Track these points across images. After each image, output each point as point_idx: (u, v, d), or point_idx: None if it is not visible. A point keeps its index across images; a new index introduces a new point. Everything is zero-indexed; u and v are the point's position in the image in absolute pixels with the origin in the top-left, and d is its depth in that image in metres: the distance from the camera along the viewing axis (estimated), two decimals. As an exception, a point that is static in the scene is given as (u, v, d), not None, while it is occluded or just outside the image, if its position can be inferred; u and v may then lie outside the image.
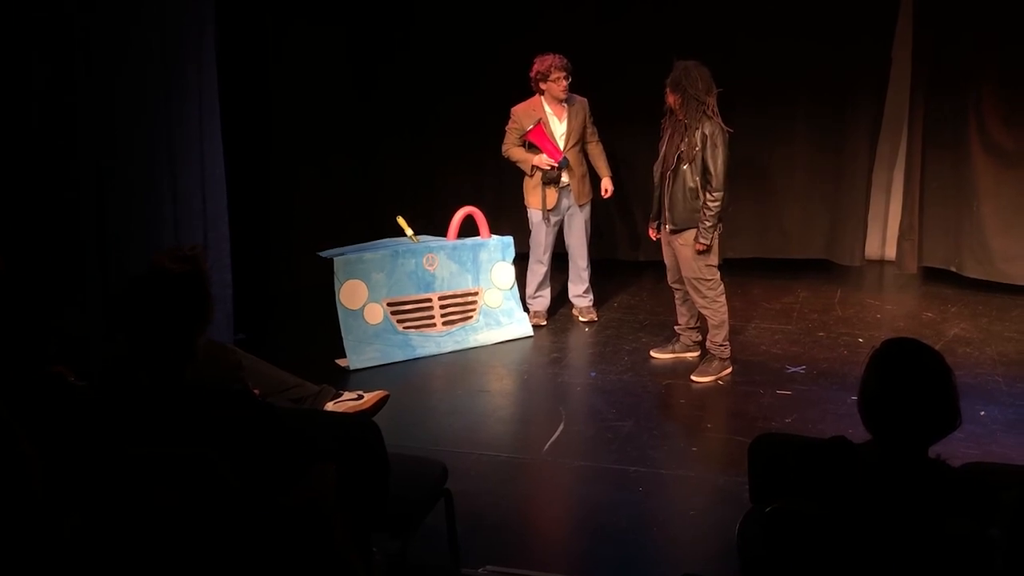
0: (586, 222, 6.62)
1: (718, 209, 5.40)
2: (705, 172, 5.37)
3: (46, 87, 4.72)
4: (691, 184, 5.42)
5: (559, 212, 6.54)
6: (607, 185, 6.58)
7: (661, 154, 5.62)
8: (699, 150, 5.36)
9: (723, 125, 5.38)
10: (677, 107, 5.44)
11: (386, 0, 7.86)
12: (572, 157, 6.42)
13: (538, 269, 6.62)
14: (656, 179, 5.68)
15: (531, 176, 6.46)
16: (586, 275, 6.76)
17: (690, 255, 5.55)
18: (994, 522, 2.33)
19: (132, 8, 5.06)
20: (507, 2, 7.66)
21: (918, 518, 2.35)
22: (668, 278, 5.93)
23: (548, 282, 6.74)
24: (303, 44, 7.17)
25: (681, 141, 5.43)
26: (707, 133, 5.34)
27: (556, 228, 6.60)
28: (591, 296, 6.88)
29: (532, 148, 6.43)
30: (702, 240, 5.46)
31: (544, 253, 6.57)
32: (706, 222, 5.42)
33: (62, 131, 4.82)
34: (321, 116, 7.41)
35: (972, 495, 2.39)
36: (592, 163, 6.58)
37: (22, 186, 4.66)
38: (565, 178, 6.43)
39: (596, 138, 6.56)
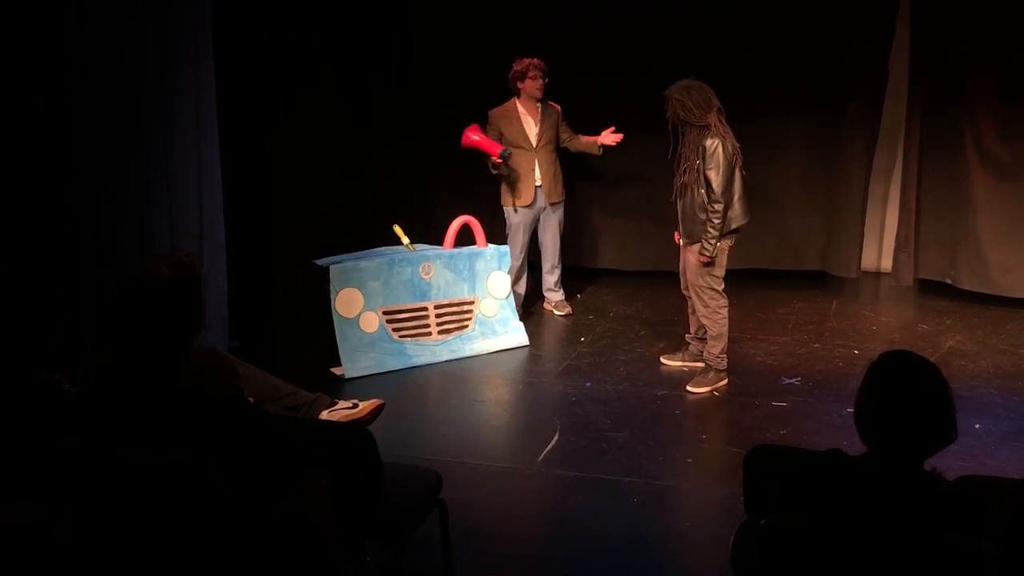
0: (560, 221, 7.03)
1: (720, 220, 5.46)
2: (708, 185, 5.43)
3: (41, 91, 4.72)
4: (699, 199, 5.52)
5: (535, 209, 6.90)
6: (607, 137, 6.77)
7: (679, 169, 5.67)
8: (700, 164, 5.42)
9: (724, 136, 5.44)
10: (682, 132, 5.56)
11: (384, 7, 7.86)
12: (544, 158, 6.78)
13: (513, 264, 6.75)
14: (675, 192, 5.73)
15: (494, 172, 6.78)
16: (558, 270, 7.20)
17: (697, 264, 5.63)
18: (988, 535, 2.33)
19: (128, 15, 5.07)
20: (505, 13, 7.67)
21: (913, 531, 2.35)
22: (681, 284, 5.99)
23: (522, 278, 7.04)
24: (301, 51, 7.17)
25: (691, 156, 5.52)
26: (706, 147, 5.42)
27: (532, 227, 6.99)
28: (563, 290, 7.29)
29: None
30: (704, 251, 5.51)
31: (520, 251, 6.90)
32: (710, 231, 5.49)
33: (57, 138, 4.81)
34: (318, 124, 7.40)
35: (966, 508, 2.39)
36: (579, 148, 6.90)
37: (16, 192, 4.65)
38: (539, 178, 6.79)
39: (570, 132, 6.90)
